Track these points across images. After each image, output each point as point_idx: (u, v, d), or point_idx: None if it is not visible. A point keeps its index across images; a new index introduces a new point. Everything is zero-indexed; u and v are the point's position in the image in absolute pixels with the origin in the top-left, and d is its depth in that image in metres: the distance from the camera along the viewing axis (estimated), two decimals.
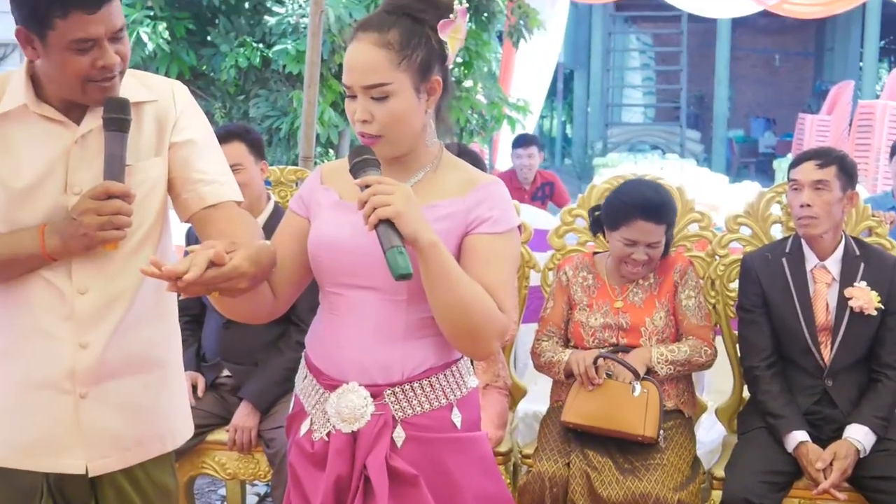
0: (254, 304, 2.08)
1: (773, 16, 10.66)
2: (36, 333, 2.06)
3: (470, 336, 1.97)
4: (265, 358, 3.42)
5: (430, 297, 1.94)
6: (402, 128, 1.99)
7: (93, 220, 1.93)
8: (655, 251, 3.22)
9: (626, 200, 3.22)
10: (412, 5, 2.00)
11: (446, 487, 2.04)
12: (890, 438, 3.05)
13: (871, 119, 10.60)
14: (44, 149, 2.02)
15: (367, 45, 1.97)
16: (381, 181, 1.87)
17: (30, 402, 2.07)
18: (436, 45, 2.02)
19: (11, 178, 2.01)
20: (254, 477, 3.45)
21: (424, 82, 2.00)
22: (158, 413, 2.24)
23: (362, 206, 1.85)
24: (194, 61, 6.72)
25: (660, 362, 3.18)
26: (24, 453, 2.08)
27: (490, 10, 7.16)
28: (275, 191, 3.75)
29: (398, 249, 1.82)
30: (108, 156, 1.98)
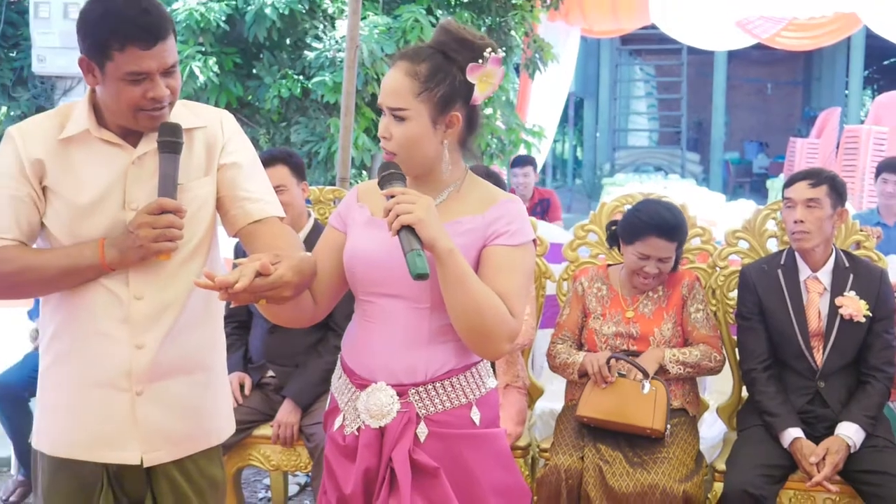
0: (296, 311, 2.09)
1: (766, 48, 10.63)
2: (95, 336, 2.06)
3: (481, 337, 1.97)
4: (306, 360, 3.43)
5: (447, 300, 1.94)
6: (413, 151, 2.00)
7: (148, 233, 1.94)
8: (666, 266, 3.21)
9: (644, 218, 3.21)
10: (448, 44, 2.02)
11: (465, 479, 2.04)
12: (878, 435, 3.03)
13: (856, 142, 10.55)
14: (104, 169, 2.04)
15: (399, 71, 2.00)
16: (405, 192, 1.89)
17: (90, 400, 2.08)
18: (460, 84, 2.01)
19: (75, 196, 2.02)
20: (295, 468, 3.44)
21: (442, 115, 2.01)
22: (205, 411, 2.24)
23: (387, 213, 1.87)
24: (241, 92, 6.76)
25: (671, 362, 3.17)
26: (86, 446, 2.09)
27: (508, 44, 7.17)
28: (314, 209, 3.76)
29: (417, 252, 1.83)
30: (162, 175, 1.99)
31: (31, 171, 2.00)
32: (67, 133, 2.02)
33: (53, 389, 2.11)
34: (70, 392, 2.09)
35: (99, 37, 1.92)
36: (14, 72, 7.49)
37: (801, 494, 3.04)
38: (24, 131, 2.04)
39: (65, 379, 2.09)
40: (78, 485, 2.11)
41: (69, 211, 2.03)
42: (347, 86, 4.87)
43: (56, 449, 2.11)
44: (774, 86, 22.33)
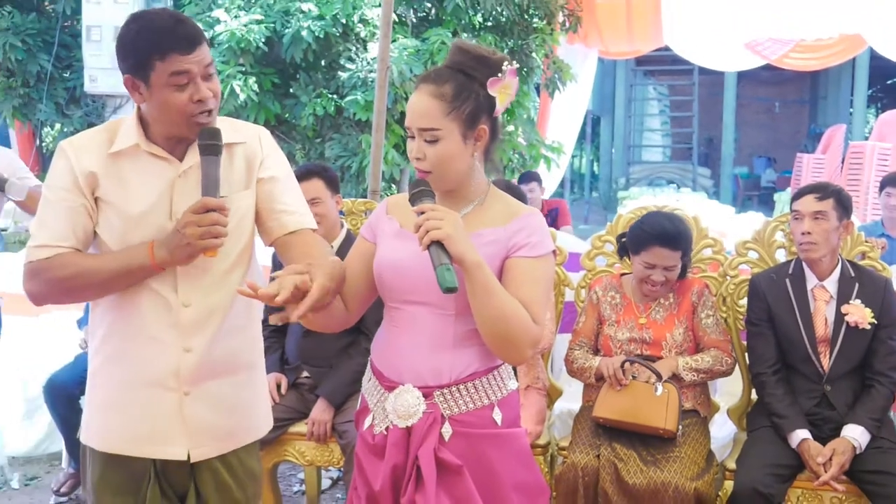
0: (329, 318, 2.11)
1: (774, 68, 10.58)
2: (145, 339, 2.08)
3: (506, 343, 1.96)
4: (338, 362, 3.43)
5: (474, 309, 1.94)
6: (448, 167, 2.01)
7: (195, 231, 1.95)
8: (672, 273, 3.21)
9: (647, 229, 3.22)
10: (467, 63, 2.02)
11: (488, 477, 2.03)
12: (882, 437, 3.01)
13: (860, 158, 10.47)
14: (153, 181, 2.05)
15: (425, 94, 2.00)
16: (435, 208, 1.89)
17: (140, 399, 2.09)
18: (484, 99, 2.02)
19: (126, 206, 2.04)
20: (328, 463, 3.45)
21: (471, 130, 2.01)
22: (247, 408, 2.26)
23: (417, 229, 1.87)
24: (279, 110, 6.79)
25: (685, 370, 3.17)
26: (136, 443, 2.10)
27: (529, 65, 7.17)
28: (347, 220, 3.77)
29: (446, 266, 1.83)
30: (205, 176, 2.01)
31: (84, 183, 2.02)
32: (117, 147, 2.04)
33: (104, 389, 2.13)
34: (120, 391, 2.11)
35: (140, 53, 1.95)
36: (67, 91, 7.58)
37: (809, 493, 3.01)
38: (76, 146, 2.05)
39: (115, 379, 2.11)
40: (127, 478, 2.12)
41: (120, 220, 2.05)
42: (378, 104, 4.89)
43: (107, 445, 2.12)
44: (782, 104, 22.23)
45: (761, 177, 20.89)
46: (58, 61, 7.42)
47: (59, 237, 2.01)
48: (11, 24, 7.17)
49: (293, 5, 6.43)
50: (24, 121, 7.90)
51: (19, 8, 7.32)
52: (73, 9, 7.26)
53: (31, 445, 4.54)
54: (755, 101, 21.77)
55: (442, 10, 6.70)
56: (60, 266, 2.00)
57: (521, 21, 6.93)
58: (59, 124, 7.88)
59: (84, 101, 7.53)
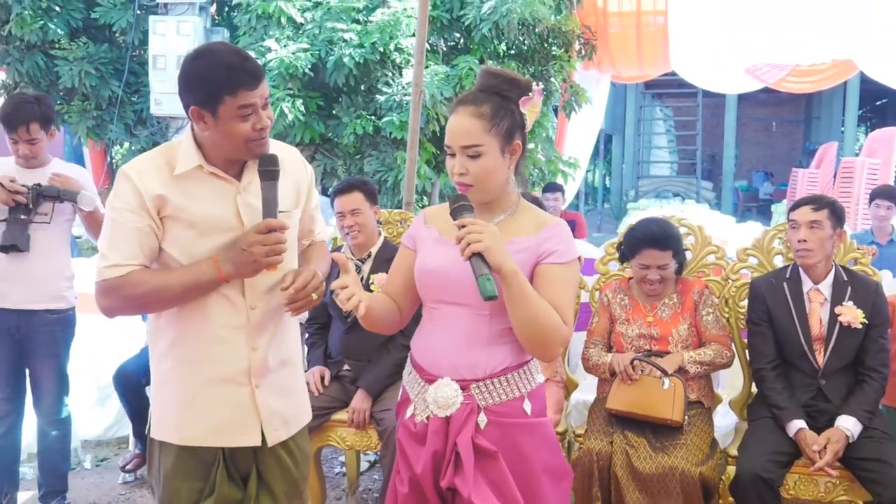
0: (388, 322, 2.17)
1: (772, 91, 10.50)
2: (215, 341, 2.09)
3: (540, 343, 1.96)
4: (377, 356, 3.44)
5: (511, 313, 1.93)
6: (490, 179, 2.01)
7: (260, 249, 1.98)
8: (666, 272, 3.23)
9: (637, 234, 3.27)
10: (500, 86, 2.03)
11: (519, 461, 2.03)
12: (874, 427, 2.99)
13: (851, 173, 10.37)
14: (217, 197, 2.06)
15: (465, 115, 2.00)
16: (475, 222, 1.89)
17: (216, 395, 2.11)
18: (518, 116, 2.04)
19: (195, 221, 2.05)
20: (367, 447, 3.46)
21: (508, 145, 2.02)
22: (300, 396, 2.30)
23: (459, 241, 1.87)
24: (323, 129, 6.82)
25: (690, 363, 3.16)
26: (214, 434, 2.12)
27: (549, 89, 7.16)
28: (384, 228, 3.78)
29: (487, 277, 1.84)
30: (265, 199, 2.03)
31: (151, 205, 2.02)
32: (181, 170, 2.04)
33: (180, 388, 2.13)
34: (197, 390, 2.11)
35: (210, 88, 1.95)
36: (135, 113, 7.65)
37: (805, 478, 2.98)
38: (138, 170, 2.04)
39: (189, 378, 2.11)
40: (199, 466, 2.13)
41: (188, 234, 2.05)
42: (412, 124, 4.90)
43: (185, 439, 2.13)
44: (779, 124, 22.07)
45: (759, 190, 20.74)
46: (127, 87, 7.50)
47: (129, 256, 2.01)
48: (86, 54, 7.25)
49: (336, 35, 6.45)
50: (96, 140, 8.00)
51: (93, 39, 7.40)
52: (141, 40, 7.34)
53: (102, 430, 4.60)
54: (754, 121, 21.61)
55: (470, 40, 6.70)
56: (134, 284, 2.01)
57: (541, 49, 6.92)
58: (127, 143, 7.96)
59: (150, 122, 7.60)
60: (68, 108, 7.55)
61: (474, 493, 1.97)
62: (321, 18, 6.61)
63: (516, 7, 6.39)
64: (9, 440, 3.60)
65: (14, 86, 7.48)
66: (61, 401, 3.65)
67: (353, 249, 3.59)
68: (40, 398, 3.62)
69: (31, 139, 3.40)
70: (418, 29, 4.90)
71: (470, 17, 6.63)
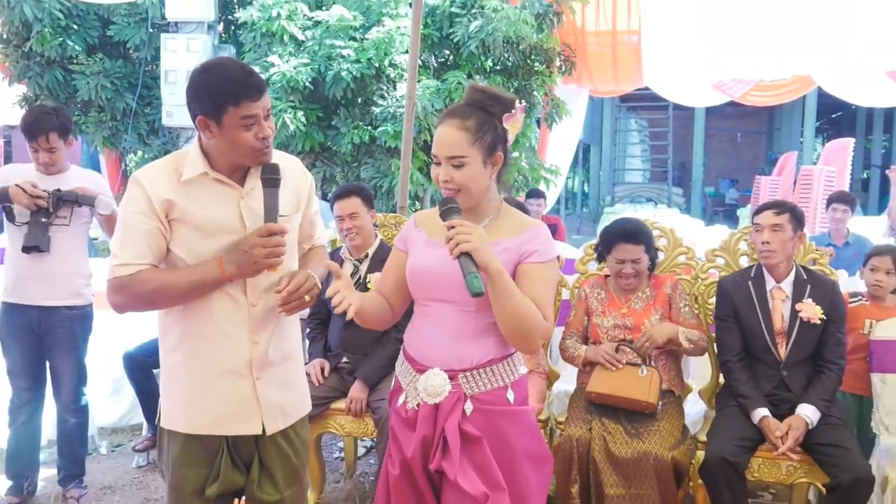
0: (381, 319, 2.17)
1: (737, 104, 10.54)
2: (219, 336, 2.08)
3: (522, 336, 1.96)
4: (373, 349, 3.43)
5: (495, 308, 1.93)
6: (472, 186, 2.01)
7: (261, 252, 1.98)
8: (640, 265, 3.25)
9: (612, 231, 3.32)
10: (486, 102, 2.02)
11: (503, 446, 2.03)
12: (831, 415, 3.00)
13: (810, 180, 10.42)
14: (221, 201, 2.05)
15: (452, 127, 1.99)
16: (463, 224, 1.89)
17: (220, 386, 2.09)
18: (500, 131, 2.03)
19: (201, 223, 2.04)
20: (363, 434, 3.45)
21: (490, 157, 2.01)
22: (300, 387, 2.28)
23: (448, 241, 1.86)
24: (322, 139, 6.81)
25: (683, 338, 3.18)
26: (217, 423, 2.11)
27: (531, 102, 7.16)
28: (380, 231, 3.77)
29: (474, 274, 1.84)
30: (266, 205, 2.02)
31: (160, 209, 2.01)
32: (187, 176, 2.03)
33: (187, 381, 2.11)
34: (203, 382, 2.10)
35: (216, 99, 1.94)
36: (148, 124, 7.63)
37: (769, 462, 2.98)
38: (149, 177, 2.04)
39: (196, 372, 2.10)
40: (204, 453, 2.12)
41: (194, 236, 2.04)
42: (406, 134, 4.89)
43: (191, 428, 2.12)
44: (743, 134, 22.15)
45: (726, 195, 20.81)
46: (140, 99, 7.47)
47: (139, 255, 2.01)
48: (102, 69, 7.22)
49: (335, 51, 6.43)
50: (112, 148, 7.97)
51: (109, 55, 7.37)
52: (153, 56, 7.31)
53: (117, 418, 4.58)
54: (720, 132, 21.67)
55: (458, 56, 6.70)
56: (143, 282, 2.00)
57: (524, 65, 6.92)
58: (140, 151, 7.94)
59: (162, 132, 7.57)
60: (85, 119, 7.51)
61: (460, 475, 1.97)
62: (321, 36, 6.60)
63: (501, 26, 6.40)
64: (30, 427, 3.59)
65: (35, 98, 7.44)
66: (80, 391, 3.64)
67: (351, 250, 3.58)
68: (60, 388, 3.61)
69: (50, 148, 3.39)
70: (411, 46, 4.89)
71: (458, 35, 6.63)
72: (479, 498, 1.96)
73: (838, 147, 11.12)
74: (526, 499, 2.04)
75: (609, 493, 2.90)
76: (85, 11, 7.20)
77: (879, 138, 20.35)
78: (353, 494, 3.75)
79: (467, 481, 1.97)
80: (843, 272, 4.25)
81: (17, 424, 3.56)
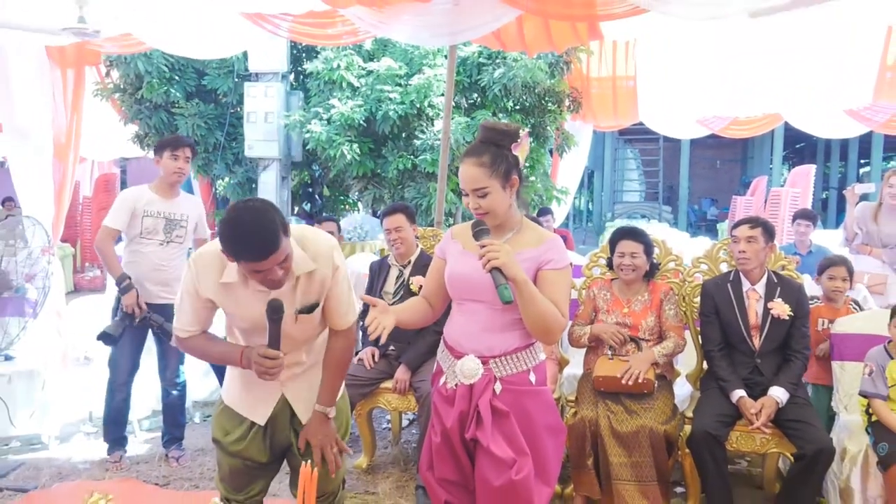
0: (423, 320, 2.19)
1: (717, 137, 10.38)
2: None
3: (544, 331, 1.96)
4: (415, 339, 3.44)
5: (522, 311, 1.93)
6: (497, 209, 2.01)
7: (259, 369, 1.97)
8: (637, 261, 3.21)
9: (617, 231, 3.35)
10: (495, 137, 2.01)
11: (526, 419, 2.03)
12: (798, 396, 2.96)
13: (778, 199, 10.26)
14: (255, 302, 1.98)
15: (471, 165, 1.99)
16: (493, 243, 1.89)
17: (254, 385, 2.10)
18: (511, 159, 2.01)
19: (237, 314, 2.03)
20: (407, 409, 3.46)
21: (508, 182, 2.01)
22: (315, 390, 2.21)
23: (481, 258, 1.88)
24: (373, 166, 6.84)
25: (660, 356, 3.12)
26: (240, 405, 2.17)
27: (545, 135, 7.12)
28: (420, 242, 3.78)
29: (505, 286, 1.84)
30: (270, 335, 1.95)
31: (204, 296, 2.00)
32: (226, 280, 1.96)
33: (237, 375, 2.16)
34: (245, 378, 2.12)
35: (227, 250, 1.85)
36: (234, 155, 7.72)
37: (745, 435, 2.95)
38: (199, 267, 1.97)
39: (243, 372, 2.11)
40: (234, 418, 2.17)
41: (237, 320, 2.06)
42: (442, 162, 4.91)
43: (228, 401, 2.20)
44: (722, 161, 21.84)
45: (707, 213, 20.52)
46: (227, 136, 7.56)
47: (189, 324, 2.05)
48: (198, 111, 7.33)
49: (384, 95, 6.46)
50: (205, 175, 8.08)
51: (203, 100, 7.48)
52: (238, 100, 7.41)
53: (208, 393, 4.64)
54: (703, 160, 21.37)
55: (485, 98, 6.69)
56: (191, 346, 2.08)
57: (539, 105, 6.89)
58: (227, 178, 8.05)
59: (244, 162, 7.66)
60: None
61: (492, 442, 1.98)
62: (372, 83, 6.64)
63: (520, 73, 6.38)
64: (127, 403, 3.68)
65: (144, 136, 7.58)
66: (180, 369, 3.69)
67: (396, 258, 3.59)
68: (166, 367, 3.67)
69: (186, 158, 3.50)
70: (446, 90, 4.91)
71: (485, 81, 6.62)
72: (508, 461, 1.96)
73: (802, 172, 10.93)
74: (545, 462, 2.04)
75: (613, 461, 2.89)
76: (185, 65, 7.33)
77: (836, 165, 19.94)
78: (398, 458, 3.75)
79: (498, 447, 1.97)
80: (807, 276, 4.16)
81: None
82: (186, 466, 3.65)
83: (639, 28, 5.78)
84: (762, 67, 6.24)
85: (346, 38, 4.99)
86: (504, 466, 1.96)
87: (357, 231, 7.76)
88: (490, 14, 4.09)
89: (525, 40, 4.80)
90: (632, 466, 2.87)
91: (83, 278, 9.53)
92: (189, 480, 3.48)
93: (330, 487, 2.21)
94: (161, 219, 3.53)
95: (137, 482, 3.42)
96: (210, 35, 4.89)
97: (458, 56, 6.26)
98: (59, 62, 5.37)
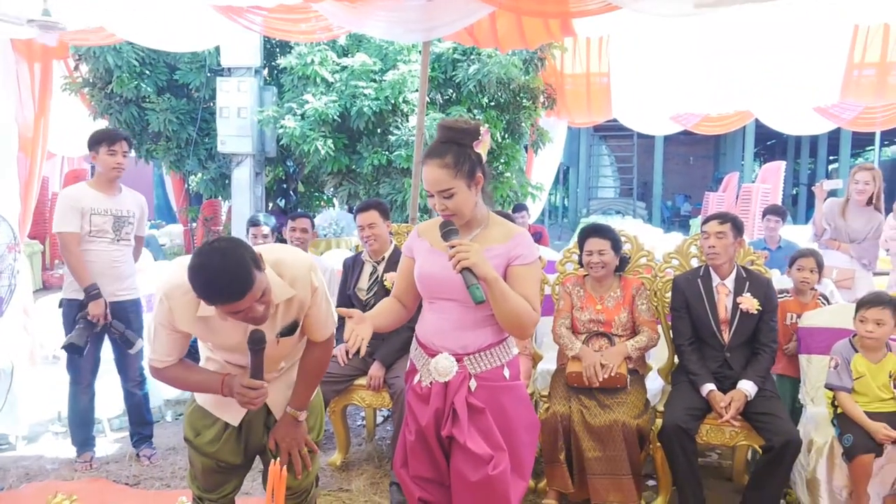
0: (398, 321, 2.18)
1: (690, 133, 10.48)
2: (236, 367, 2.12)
3: (517, 327, 1.96)
4: (388, 335, 3.41)
5: (494, 307, 1.93)
6: (463, 209, 2.00)
7: (241, 398, 1.98)
8: (605, 257, 3.22)
9: (585, 229, 3.33)
10: (456, 136, 1.98)
11: (501, 415, 2.03)
12: (766, 389, 2.99)
13: (749, 195, 10.39)
14: (232, 331, 1.98)
15: (434, 167, 1.96)
16: (462, 243, 1.89)
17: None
18: (474, 157, 1.99)
19: (217, 343, 2.04)
20: (381, 405, 3.44)
21: (472, 180, 1.99)
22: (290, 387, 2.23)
23: (451, 258, 1.87)
24: (348, 162, 6.80)
25: (633, 349, 3.14)
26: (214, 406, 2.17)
27: (520, 131, 7.13)
28: (395, 238, 3.76)
29: (476, 286, 1.84)
30: (252, 365, 1.96)
31: (180, 329, 1.98)
32: (203, 314, 1.93)
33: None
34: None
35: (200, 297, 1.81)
36: (206, 151, 7.64)
37: (715, 428, 2.98)
38: (173, 302, 1.92)
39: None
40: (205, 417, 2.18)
41: (215, 346, 2.07)
42: (416, 157, 4.89)
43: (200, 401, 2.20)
44: (695, 158, 22.05)
45: (681, 208, 20.72)
46: (200, 131, 7.47)
47: (165, 354, 2.03)
48: (169, 106, 7.23)
49: (358, 90, 6.42)
50: (177, 171, 7.98)
51: (175, 95, 7.38)
52: (210, 95, 7.32)
53: (179, 392, 4.55)
54: (676, 156, 21.57)
55: (460, 94, 6.68)
56: (168, 376, 2.06)
57: (514, 101, 6.90)
58: (200, 173, 7.95)
59: (217, 157, 7.58)
60: (156, 147, 7.52)
61: (468, 439, 1.98)
62: (347, 78, 6.60)
63: (495, 70, 6.38)
64: (92, 403, 3.63)
65: None
66: (140, 366, 3.64)
67: (370, 254, 3.57)
68: (126, 368, 3.62)
69: (125, 152, 3.44)
70: (420, 86, 4.89)
71: (460, 77, 6.62)
72: (485, 457, 1.96)
73: (772, 168, 11.08)
74: (521, 457, 2.05)
75: (587, 455, 2.91)
76: (156, 59, 7.22)
77: (806, 161, 20.26)
78: (373, 455, 3.74)
79: (475, 444, 1.97)
80: (776, 271, 4.23)
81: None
82: (157, 465, 3.60)
83: (611, 25, 5.81)
84: (733, 65, 6.32)
85: (319, 34, 4.94)
86: (481, 462, 1.96)
87: (332, 227, 7.72)
88: (463, 10, 4.08)
89: (498, 37, 4.81)
90: (605, 460, 2.89)
91: (52, 276, 9.34)
92: (160, 479, 3.44)
93: (302, 485, 2.19)
94: (109, 216, 3.45)
95: (106, 482, 3.36)
96: (182, 28, 4.81)
97: (432, 52, 6.24)
98: (25, 55, 5.25)
